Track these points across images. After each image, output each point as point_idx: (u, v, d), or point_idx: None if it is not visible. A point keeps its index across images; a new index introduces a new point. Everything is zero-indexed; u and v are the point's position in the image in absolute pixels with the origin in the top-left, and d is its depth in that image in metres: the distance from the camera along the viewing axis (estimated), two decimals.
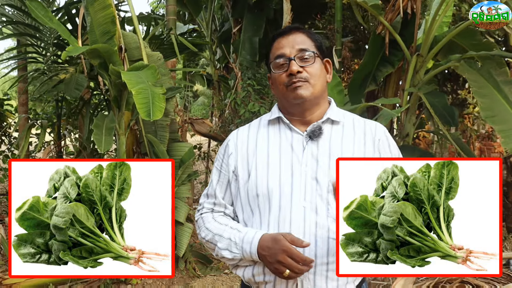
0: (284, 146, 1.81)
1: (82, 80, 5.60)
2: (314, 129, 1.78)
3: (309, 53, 1.78)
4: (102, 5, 4.59)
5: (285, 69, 1.77)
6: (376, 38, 6.30)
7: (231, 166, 1.86)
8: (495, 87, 4.75)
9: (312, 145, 1.78)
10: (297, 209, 1.71)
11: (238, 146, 1.88)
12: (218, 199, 1.90)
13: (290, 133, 1.83)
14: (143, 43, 5.21)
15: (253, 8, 7.81)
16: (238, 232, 1.75)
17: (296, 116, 1.84)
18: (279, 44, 1.82)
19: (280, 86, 1.80)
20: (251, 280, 1.77)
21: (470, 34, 5.94)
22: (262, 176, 1.77)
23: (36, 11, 4.57)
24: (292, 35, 1.82)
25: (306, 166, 1.74)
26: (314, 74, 1.78)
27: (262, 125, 1.91)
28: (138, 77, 4.04)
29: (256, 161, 1.81)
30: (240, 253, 1.71)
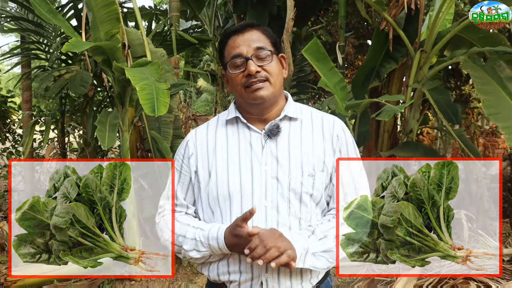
0: (243, 146, 1.79)
1: (86, 77, 5.61)
2: (272, 128, 1.77)
3: (266, 51, 1.75)
4: (106, 2, 4.58)
5: (243, 70, 1.74)
6: (380, 34, 6.27)
7: (192, 166, 1.85)
8: (499, 83, 4.72)
9: (271, 143, 1.77)
10: (258, 208, 1.70)
11: (197, 146, 1.87)
12: (179, 200, 1.88)
13: (248, 132, 1.81)
14: (147, 40, 5.21)
15: (256, 4, 7.79)
16: (201, 230, 1.74)
17: (254, 115, 1.82)
18: (235, 42, 1.77)
19: (237, 86, 1.77)
20: (217, 279, 1.78)
21: (476, 27, 5.90)
22: (223, 176, 1.76)
23: (40, 7, 4.57)
24: (248, 33, 1.78)
25: (266, 165, 1.74)
26: (273, 73, 1.75)
27: (220, 124, 1.90)
28: (142, 73, 4.03)
29: (216, 162, 1.79)
30: (208, 250, 1.72)
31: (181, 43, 6.38)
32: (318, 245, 1.66)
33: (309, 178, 1.72)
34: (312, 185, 1.72)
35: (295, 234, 1.66)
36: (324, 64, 5.86)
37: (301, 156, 1.75)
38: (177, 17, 6.91)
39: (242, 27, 1.80)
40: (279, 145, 1.76)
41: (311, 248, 1.64)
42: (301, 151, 1.75)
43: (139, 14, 5.39)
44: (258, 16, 7.79)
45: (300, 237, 1.64)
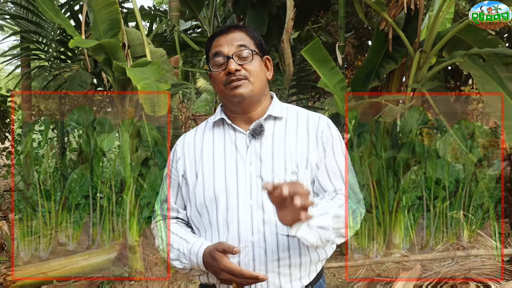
0: (228, 147, 1.81)
1: (86, 77, 5.61)
2: (255, 127, 1.78)
3: (248, 51, 1.76)
4: (106, 2, 4.58)
5: (224, 68, 1.75)
6: (379, 34, 6.28)
7: (180, 170, 1.86)
8: (499, 83, 4.73)
9: (255, 143, 1.77)
10: (244, 208, 1.71)
11: (185, 150, 1.88)
12: (171, 204, 1.90)
13: (234, 133, 1.82)
14: (147, 40, 5.21)
15: (256, 4, 7.79)
16: (186, 243, 1.74)
17: (238, 114, 1.83)
18: (218, 42, 1.80)
19: (219, 84, 1.78)
20: (207, 282, 1.78)
21: (474, 30, 5.91)
22: (209, 178, 1.77)
23: (43, 4, 4.58)
24: (231, 33, 1.80)
25: (250, 165, 1.74)
26: (253, 72, 1.76)
27: (208, 127, 1.92)
28: (142, 73, 4.03)
29: (203, 164, 1.81)
30: (189, 264, 1.72)
31: (181, 44, 6.38)
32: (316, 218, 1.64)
33: (292, 176, 1.72)
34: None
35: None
36: (324, 65, 5.86)
37: (284, 154, 1.75)
38: (177, 17, 6.92)
39: (226, 28, 1.83)
40: (263, 145, 1.77)
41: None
42: (285, 149, 1.76)
43: (139, 14, 5.39)
44: (258, 17, 7.79)
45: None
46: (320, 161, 1.78)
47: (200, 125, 1.98)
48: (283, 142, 1.78)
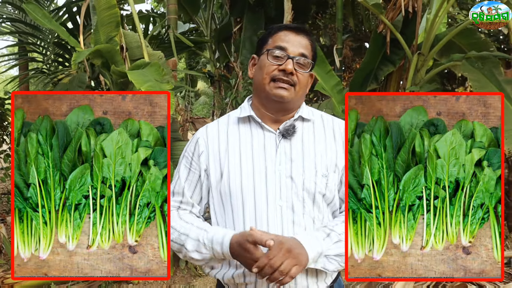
0: (256, 145, 1.77)
1: (84, 79, 5.61)
2: (288, 128, 1.75)
3: (308, 61, 1.75)
4: (108, 4, 4.59)
5: (280, 63, 1.72)
6: (377, 37, 6.30)
7: (202, 164, 1.81)
8: (497, 86, 4.74)
9: (285, 143, 1.75)
10: (273, 208, 1.69)
11: (209, 144, 1.82)
12: (186, 198, 1.84)
13: (262, 132, 1.79)
14: (144, 42, 5.21)
15: (253, 7, 7.80)
16: (205, 232, 1.70)
17: (269, 112, 1.79)
18: (286, 37, 1.76)
19: (266, 75, 1.73)
20: (231, 281, 1.74)
21: (468, 33, 5.96)
22: (235, 175, 1.73)
23: (34, 13, 4.58)
24: (301, 36, 1.77)
25: (280, 165, 1.72)
26: (301, 82, 1.74)
27: (232, 122, 1.86)
28: (144, 75, 4.03)
29: (229, 160, 1.76)
30: (209, 253, 1.67)
31: (179, 46, 6.38)
32: (332, 248, 1.64)
33: (322, 179, 1.71)
34: (326, 185, 1.71)
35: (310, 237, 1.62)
36: (321, 67, 5.87)
37: (314, 156, 1.73)
38: (175, 19, 6.92)
39: (298, 28, 1.79)
40: (293, 145, 1.75)
41: (325, 251, 1.63)
42: (315, 152, 1.74)
43: (137, 17, 5.40)
44: (255, 19, 7.81)
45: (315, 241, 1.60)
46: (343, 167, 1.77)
47: (221, 118, 1.92)
48: (313, 144, 1.76)
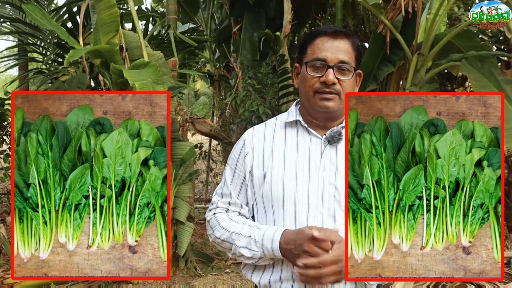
0: (301, 150, 1.76)
1: (83, 79, 5.60)
2: (334, 134, 1.74)
3: (349, 66, 1.71)
4: (107, 4, 4.58)
5: (320, 75, 1.69)
6: (377, 37, 6.30)
7: (247, 166, 1.81)
8: (497, 86, 4.75)
9: (330, 150, 1.73)
10: (314, 215, 1.67)
11: (254, 145, 1.82)
12: (233, 199, 1.84)
13: (308, 137, 1.78)
14: (144, 42, 5.21)
15: (253, 7, 7.80)
16: (257, 229, 1.69)
17: (316, 121, 1.79)
18: (323, 45, 1.72)
19: (309, 88, 1.72)
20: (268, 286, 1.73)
21: (468, 35, 5.97)
22: (278, 179, 1.72)
23: (33, 13, 4.57)
24: (338, 40, 1.72)
25: (324, 171, 1.70)
26: (346, 89, 1.72)
27: (279, 126, 1.85)
28: (140, 74, 4.04)
29: (272, 163, 1.75)
30: (260, 251, 1.66)
31: (178, 45, 6.38)
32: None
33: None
34: None
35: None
36: None
37: None
38: (174, 19, 6.92)
39: (335, 32, 1.74)
40: (339, 152, 1.73)
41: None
42: None
43: (136, 17, 5.39)
44: (255, 20, 7.80)
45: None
46: None
47: (268, 121, 1.92)
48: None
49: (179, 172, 4.99)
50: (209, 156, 9.35)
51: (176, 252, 5.04)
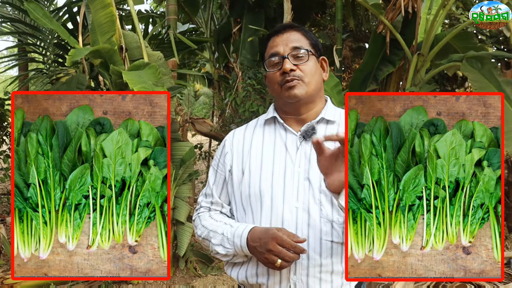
0: (278, 146, 1.79)
1: (83, 79, 5.60)
2: (307, 129, 1.76)
3: (303, 51, 1.74)
4: (102, 4, 4.58)
5: (279, 68, 1.74)
6: (377, 38, 6.30)
7: (227, 165, 1.85)
8: (497, 87, 4.74)
9: (305, 145, 1.75)
10: (289, 209, 1.69)
11: (233, 145, 1.87)
12: (215, 198, 1.89)
13: (284, 133, 1.80)
14: (144, 43, 5.21)
15: (253, 7, 7.79)
16: (230, 227, 1.73)
17: (291, 115, 1.81)
18: (274, 42, 1.79)
19: (274, 85, 1.77)
20: (245, 282, 1.77)
21: (466, 36, 5.98)
22: (255, 176, 1.75)
23: (35, 12, 4.57)
24: (287, 33, 1.78)
25: (299, 167, 1.72)
26: (308, 72, 1.74)
27: (259, 124, 1.90)
28: (139, 77, 4.04)
29: (250, 161, 1.79)
30: (232, 248, 1.70)
31: (178, 46, 6.38)
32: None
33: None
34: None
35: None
36: None
37: None
38: (174, 20, 6.91)
39: (282, 28, 1.81)
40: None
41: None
42: None
43: (136, 17, 5.39)
44: (255, 20, 7.79)
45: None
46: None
47: (251, 121, 1.96)
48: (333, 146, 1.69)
49: (179, 172, 4.99)
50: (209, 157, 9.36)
51: (176, 252, 5.04)
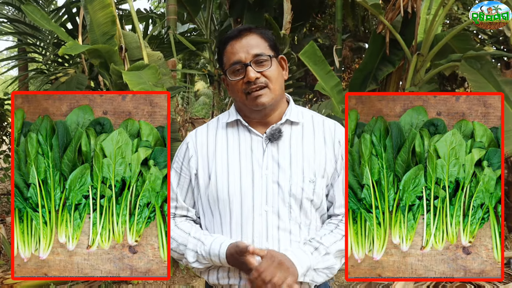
0: (243, 149, 1.76)
1: (83, 80, 5.59)
2: (274, 132, 1.73)
3: (265, 57, 1.70)
4: (102, 4, 4.57)
5: (242, 76, 1.69)
6: (377, 38, 6.30)
7: (192, 169, 1.81)
8: (496, 87, 4.74)
9: (272, 147, 1.73)
10: (259, 213, 1.68)
11: (198, 148, 1.82)
12: (180, 202, 1.84)
13: (249, 136, 1.77)
14: (144, 43, 5.20)
15: (253, 7, 7.80)
16: (202, 244, 1.70)
17: (255, 119, 1.78)
18: (233, 49, 1.72)
19: (238, 93, 1.72)
20: (216, 283, 1.75)
21: (464, 37, 5.98)
22: (223, 180, 1.73)
23: (33, 14, 4.57)
24: (245, 37, 1.72)
25: (267, 169, 1.71)
26: (272, 78, 1.70)
27: (220, 126, 1.85)
28: (139, 77, 4.03)
29: (216, 165, 1.76)
30: (209, 263, 1.70)
31: (178, 46, 6.38)
32: (320, 262, 1.63)
33: (310, 184, 1.69)
34: (313, 191, 1.69)
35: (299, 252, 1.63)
36: (321, 68, 5.88)
37: (302, 161, 1.71)
38: (174, 20, 6.91)
39: (238, 32, 1.75)
40: (280, 150, 1.73)
41: (314, 265, 1.62)
42: (303, 156, 1.72)
43: (136, 17, 5.39)
44: (255, 19, 7.79)
45: (304, 255, 1.60)
46: (335, 172, 1.75)
47: (210, 122, 1.91)
48: (301, 148, 1.74)
49: None
50: None
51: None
